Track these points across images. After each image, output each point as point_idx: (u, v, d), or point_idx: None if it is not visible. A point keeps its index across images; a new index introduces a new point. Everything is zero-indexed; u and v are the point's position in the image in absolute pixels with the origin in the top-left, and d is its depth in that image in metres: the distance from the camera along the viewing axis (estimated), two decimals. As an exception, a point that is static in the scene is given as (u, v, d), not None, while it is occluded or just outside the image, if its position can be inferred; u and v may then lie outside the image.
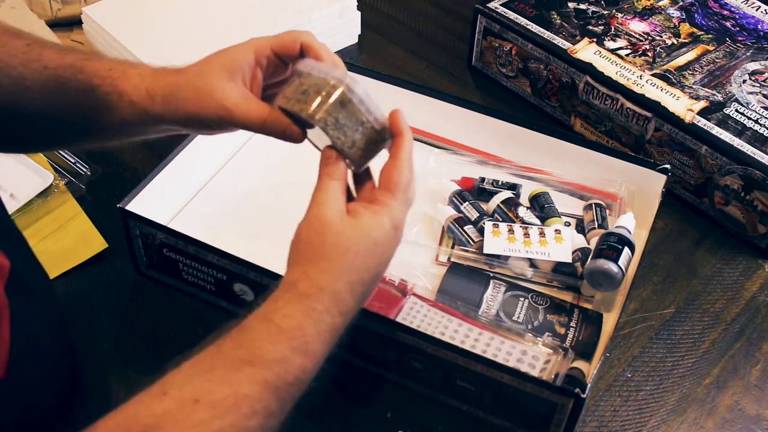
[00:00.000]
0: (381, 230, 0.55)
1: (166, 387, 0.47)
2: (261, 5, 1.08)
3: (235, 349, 0.50)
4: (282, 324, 0.51)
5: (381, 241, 0.55)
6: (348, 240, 0.54)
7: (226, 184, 0.93)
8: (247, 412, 0.47)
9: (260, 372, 0.49)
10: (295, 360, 0.50)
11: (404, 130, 0.58)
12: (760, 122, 0.88)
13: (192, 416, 0.46)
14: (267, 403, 0.48)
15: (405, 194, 0.57)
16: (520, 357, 0.73)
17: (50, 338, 0.65)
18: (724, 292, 0.85)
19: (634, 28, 1.01)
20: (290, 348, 0.50)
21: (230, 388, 0.47)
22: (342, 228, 0.54)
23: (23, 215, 0.86)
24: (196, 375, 0.48)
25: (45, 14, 1.11)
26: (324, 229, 0.54)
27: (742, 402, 0.75)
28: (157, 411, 0.46)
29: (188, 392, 0.47)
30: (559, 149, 0.89)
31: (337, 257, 0.53)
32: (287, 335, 0.51)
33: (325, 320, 0.52)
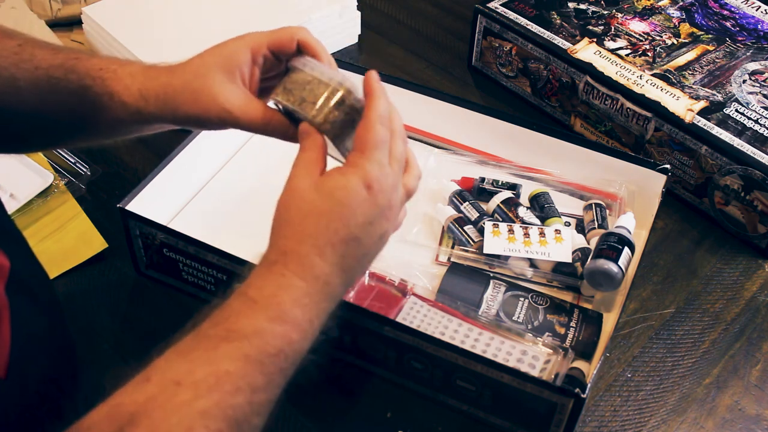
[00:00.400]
0: (346, 191, 0.53)
1: (150, 374, 0.47)
2: (261, 5, 1.08)
3: (212, 328, 0.49)
4: (255, 296, 0.50)
5: (347, 202, 0.53)
6: (310, 203, 0.53)
7: (226, 184, 0.93)
8: (230, 389, 0.46)
9: (239, 347, 0.48)
10: (275, 330, 0.49)
11: (375, 90, 0.57)
12: (760, 122, 0.89)
13: (174, 398, 0.45)
14: (251, 379, 0.47)
15: (378, 152, 0.54)
16: (520, 357, 0.73)
17: (50, 338, 0.65)
18: (724, 292, 0.85)
19: (634, 28, 1.01)
20: (267, 318, 0.49)
21: (210, 367, 0.47)
22: (305, 192, 0.53)
23: (23, 215, 0.86)
24: (177, 358, 0.48)
25: (45, 14, 1.11)
26: (290, 198, 0.54)
27: (742, 402, 0.75)
28: (140, 398, 0.45)
29: (169, 375, 0.46)
30: (559, 149, 0.89)
31: (298, 221, 0.53)
32: (262, 305, 0.50)
33: (296, 285, 0.51)
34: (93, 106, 0.62)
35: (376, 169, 0.54)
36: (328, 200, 0.53)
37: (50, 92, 0.61)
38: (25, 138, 0.66)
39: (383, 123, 0.55)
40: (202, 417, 0.45)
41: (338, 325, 0.72)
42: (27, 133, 0.65)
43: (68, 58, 0.62)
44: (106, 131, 0.64)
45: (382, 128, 0.55)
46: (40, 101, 0.61)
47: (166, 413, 0.44)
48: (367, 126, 0.55)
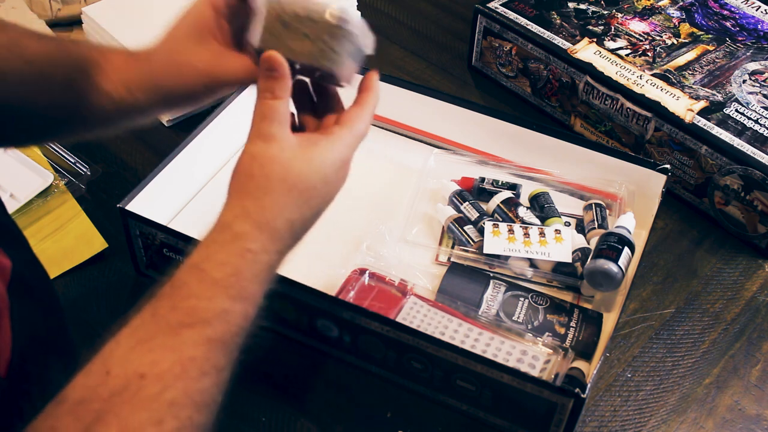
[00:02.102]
0: (332, 166, 0.51)
1: (108, 365, 0.45)
2: (261, 5, 1.08)
3: (172, 312, 0.47)
4: (216, 274, 0.48)
5: (329, 179, 0.52)
6: (298, 176, 0.50)
7: (226, 184, 0.93)
8: (195, 374, 0.45)
9: (202, 331, 0.46)
10: (236, 308, 0.47)
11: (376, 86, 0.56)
12: (760, 122, 0.88)
13: (141, 393, 0.43)
14: (215, 361, 0.46)
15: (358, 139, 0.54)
16: (520, 357, 0.73)
17: (51, 338, 0.65)
18: (724, 292, 0.85)
19: (634, 28, 1.01)
20: (228, 298, 0.47)
21: (174, 355, 0.45)
22: (293, 162, 0.50)
23: (23, 215, 0.86)
24: (137, 346, 0.46)
25: (45, 14, 1.11)
26: (271, 163, 0.50)
27: (742, 402, 0.75)
28: (104, 394, 0.43)
29: (132, 368, 0.44)
30: (559, 149, 0.89)
31: (283, 193, 0.50)
32: (223, 285, 0.47)
33: (261, 260, 0.49)
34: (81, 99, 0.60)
35: (353, 153, 0.54)
36: (315, 175, 0.51)
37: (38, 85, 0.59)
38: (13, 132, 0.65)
39: (371, 117, 0.55)
40: (171, 407, 0.43)
41: (338, 325, 0.72)
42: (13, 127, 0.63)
43: (57, 49, 0.60)
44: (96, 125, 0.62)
45: (369, 122, 0.55)
46: (27, 93, 0.59)
47: (134, 409, 0.43)
48: (362, 114, 0.54)
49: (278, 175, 0.50)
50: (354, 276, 0.79)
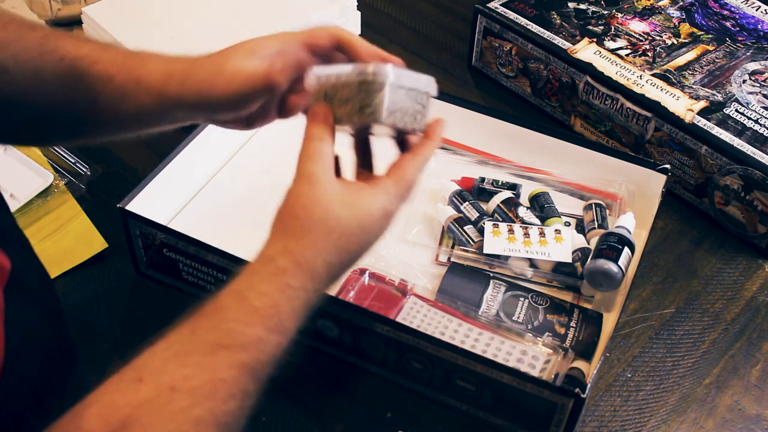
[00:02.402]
0: (371, 216, 0.53)
1: (141, 373, 0.47)
2: (261, 5, 1.08)
3: (210, 332, 0.48)
4: (257, 303, 0.49)
5: (369, 228, 0.53)
6: (337, 220, 0.52)
7: (226, 184, 0.93)
8: (224, 396, 0.46)
9: (236, 355, 0.48)
10: (271, 339, 0.49)
11: (436, 136, 0.58)
12: (760, 122, 0.88)
13: (170, 405, 0.45)
14: (244, 386, 0.48)
15: (406, 189, 0.56)
16: (520, 357, 0.73)
17: (50, 339, 0.64)
18: (724, 292, 0.85)
19: (634, 28, 1.01)
20: (265, 328, 0.49)
21: (207, 374, 0.46)
22: (333, 206, 0.52)
23: (23, 215, 0.86)
24: (172, 359, 0.47)
25: (45, 14, 1.11)
26: (313, 204, 0.52)
27: (742, 402, 0.75)
28: (134, 400, 0.45)
29: (165, 379, 0.46)
30: (559, 149, 0.89)
31: (322, 235, 0.52)
32: (262, 315, 0.49)
33: (300, 297, 0.51)
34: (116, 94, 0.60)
35: (398, 203, 0.55)
36: (355, 222, 0.53)
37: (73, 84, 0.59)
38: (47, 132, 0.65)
39: (423, 167, 0.57)
40: (196, 424, 0.45)
41: (338, 325, 0.72)
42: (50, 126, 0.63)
43: (94, 49, 0.60)
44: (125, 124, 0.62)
45: (420, 172, 0.56)
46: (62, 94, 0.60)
47: (161, 419, 0.44)
48: (413, 165, 0.56)
49: (319, 217, 0.52)
50: (354, 276, 0.80)
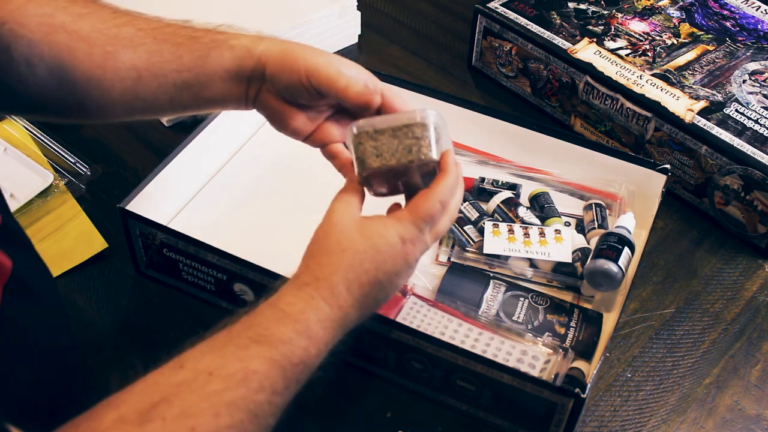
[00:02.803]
0: (384, 239, 0.57)
1: (183, 361, 0.51)
2: (261, 5, 1.08)
3: (245, 330, 0.53)
4: (286, 309, 0.54)
5: (382, 249, 0.57)
6: (349, 240, 0.57)
7: (226, 184, 0.93)
8: (255, 386, 0.50)
9: (268, 350, 0.52)
10: (300, 342, 0.53)
11: (448, 168, 0.60)
12: (760, 122, 0.89)
13: (206, 387, 0.49)
14: (273, 381, 0.51)
15: (424, 221, 0.58)
16: (520, 357, 0.73)
17: (51, 338, 0.65)
18: (724, 292, 0.85)
19: (634, 28, 1.01)
20: (294, 330, 0.53)
21: (241, 363, 0.51)
22: (347, 229, 0.57)
23: (23, 215, 0.86)
24: (210, 351, 0.52)
25: (45, 14, 1.11)
26: (331, 229, 0.58)
27: (742, 402, 0.75)
28: (174, 381, 0.50)
29: (203, 365, 0.50)
30: (559, 149, 0.89)
31: (336, 253, 0.57)
32: (292, 318, 0.54)
33: (323, 308, 0.55)
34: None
35: (415, 233, 0.58)
36: (367, 242, 0.57)
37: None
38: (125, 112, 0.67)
39: (442, 199, 0.59)
40: (229, 407, 0.49)
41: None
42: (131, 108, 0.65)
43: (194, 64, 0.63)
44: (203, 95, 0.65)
45: (438, 205, 0.59)
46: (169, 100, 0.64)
47: (198, 397, 0.49)
48: (427, 197, 0.59)
49: (335, 239, 0.57)
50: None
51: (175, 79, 0.62)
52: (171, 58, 0.62)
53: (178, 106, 0.65)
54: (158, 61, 0.62)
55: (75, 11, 0.62)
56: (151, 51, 0.62)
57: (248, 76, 0.62)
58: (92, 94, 0.62)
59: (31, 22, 0.60)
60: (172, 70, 0.62)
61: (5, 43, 0.59)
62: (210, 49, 0.63)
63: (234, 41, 0.63)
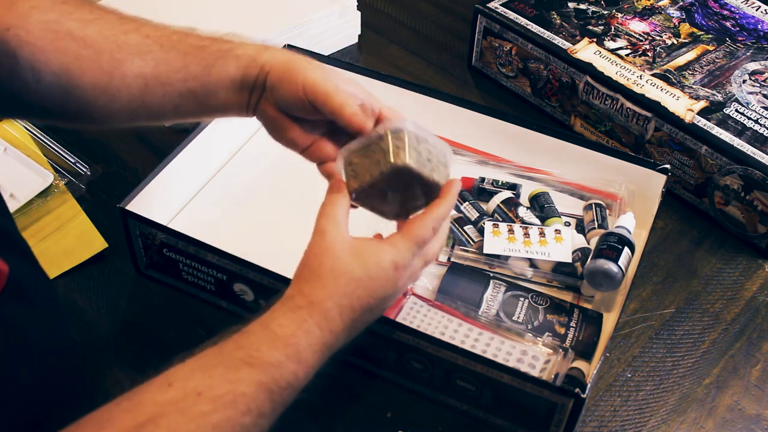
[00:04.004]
0: (378, 266, 0.57)
1: (171, 379, 0.51)
2: (261, 5, 1.08)
3: (236, 350, 0.53)
4: (278, 332, 0.54)
5: (376, 276, 0.57)
6: (345, 266, 0.57)
7: (226, 184, 0.93)
8: (243, 409, 0.50)
9: (257, 374, 0.52)
10: (289, 366, 0.54)
11: (448, 196, 0.61)
12: (760, 122, 0.89)
13: (194, 407, 0.49)
14: (260, 404, 0.52)
15: (416, 244, 0.59)
16: (520, 357, 0.73)
17: (48, 341, 0.64)
18: (724, 292, 0.85)
19: (634, 28, 1.01)
20: (285, 354, 0.54)
21: (230, 386, 0.51)
22: (342, 255, 0.57)
23: (23, 215, 0.86)
24: (199, 370, 0.52)
25: (45, 14, 1.11)
26: (324, 253, 0.57)
27: (742, 402, 0.75)
28: (162, 400, 0.49)
29: (192, 385, 0.50)
30: (559, 149, 0.89)
31: (331, 279, 0.57)
32: (283, 342, 0.54)
33: (315, 333, 0.55)
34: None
35: (408, 257, 0.59)
36: (362, 269, 0.57)
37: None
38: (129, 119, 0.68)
39: (436, 225, 0.60)
40: (215, 429, 0.49)
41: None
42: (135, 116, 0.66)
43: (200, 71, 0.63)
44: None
45: (431, 231, 0.60)
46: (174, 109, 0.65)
47: (185, 419, 0.49)
48: (422, 222, 0.60)
49: (329, 264, 0.57)
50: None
51: (181, 88, 0.63)
52: (178, 67, 0.63)
53: (181, 113, 0.65)
54: (165, 70, 0.62)
55: (81, 17, 0.62)
56: (159, 59, 0.63)
57: (251, 85, 0.63)
58: (98, 101, 0.62)
59: (37, 29, 0.60)
60: (179, 79, 0.62)
61: (11, 48, 0.59)
62: (216, 59, 0.63)
63: (240, 51, 0.63)
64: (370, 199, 0.62)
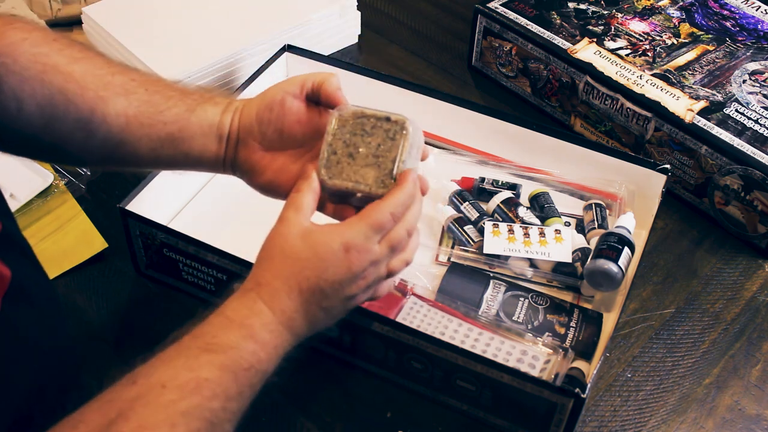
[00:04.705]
0: (327, 247, 0.57)
1: (135, 377, 0.52)
2: (261, 5, 1.08)
3: (194, 340, 0.54)
4: (231, 315, 0.56)
5: (324, 258, 0.57)
6: (292, 248, 0.57)
7: (226, 184, 0.92)
8: (208, 394, 0.51)
9: (217, 357, 0.53)
10: (247, 347, 0.54)
11: (403, 186, 0.60)
12: (760, 122, 0.89)
13: (160, 398, 0.50)
14: (226, 387, 0.52)
15: (371, 228, 0.58)
16: (520, 357, 0.73)
17: (49, 342, 0.64)
18: (724, 292, 0.85)
19: (634, 28, 1.01)
20: (240, 336, 0.55)
21: (192, 373, 0.52)
22: (292, 236, 0.58)
23: (23, 215, 0.86)
24: (161, 364, 0.53)
25: (45, 14, 1.11)
26: (277, 238, 0.59)
27: (742, 402, 0.75)
28: (128, 396, 0.50)
29: (155, 379, 0.51)
30: (559, 149, 0.89)
31: (279, 259, 0.58)
32: (237, 324, 0.55)
33: (266, 312, 0.56)
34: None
35: (361, 239, 0.58)
36: (309, 250, 0.57)
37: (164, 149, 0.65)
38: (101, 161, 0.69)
39: (394, 211, 0.59)
40: (184, 416, 0.50)
41: (338, 325, 0.72)
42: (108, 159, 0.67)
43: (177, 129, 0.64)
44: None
45: (388, 215, 0.59)
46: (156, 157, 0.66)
47: (152, 410, 0.49)
48: (378, 206, 0.59)
49: (279, 246, 0.58)
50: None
51: (160, 131, 0.64)
52: (161, 110, 0.64)
53: (157, 158, 0.66)
54: (147, 111, 0.64)
55: (71, 54, 0.63)
56: (143, 101, 0.64)
57: (226, 134, 0.64)
58: (76, 136, 0.63)
59: (25, 59, 0.60)
60: (160, 121, 0.63)
61: None
62: (198, 104, 0.65)
63: (219, 98, 0.66)
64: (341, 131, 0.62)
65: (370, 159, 0.60)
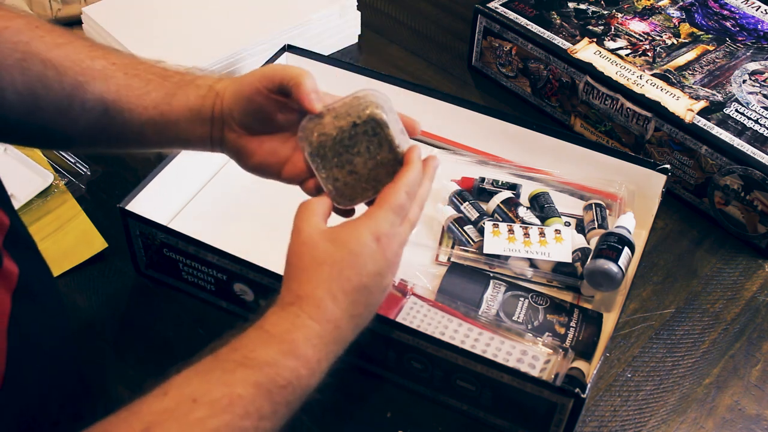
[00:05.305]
0: (358, 242, 0.56)
1: (167, 388, 0.50)
2: (261, 5, 1.08)
3: (230, 353, 0.52)
4: (271, 330, 0.54)
5: (359, 253, 0.56)
6: (324, 252, 0.56)
7: (226, 184, 0.93)
8: (240, 412, 0.49)
9: (253, 374, 0.51)
10: (286, 363, 0.52)
11: (411, 161, 0.60)
12: (760, 122, 0.89)
13: (190, 414, 0.48)
14: (259, 405, 0.50)
15: (393, 212, 0.58)
16: (520, 357, 0.73)
17: (53, 341, 0.65)
18: (724, 292, 0.85)
19: (634, 28, 1.01)
20: (280, 351, 0.52)
21: (226, 389, 0.50)
22: (318, 242, 0.56)
23: (23, 215, 0.86)
24: (195, 376, 0.51)
25: (45, 14, 1.11)
26: (303, 248, 0.57)
27: (742, 402, 0.75)
28: (157, 409, 0.48)
29: (187, 392, 0.49)
30: (559, 149, 0.89)
31: (314, 268, 0.56)
32: (276, 339, 0.53)
33: (309, 326, 0.54)
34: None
35: (387, 226, 0.57)
36: (342, 249, 0.56)
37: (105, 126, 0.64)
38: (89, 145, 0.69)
39: (409, 191, 0.59)
40: None
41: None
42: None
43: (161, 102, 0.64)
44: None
45: (404, 195, 0.58)
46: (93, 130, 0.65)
47: (181, 426, 0.48)
48: (394, 189, 0.58)
49: (309, 255, 0.56)
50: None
51: (141, 115, 0.63)
52: (139, 94, 0.63)
53: (144, 142, 0.65)
54: (126, 95, 0.63)
55: (52, 40, 0.62)
56: (121, 85, 0.63)
57: (210, 116, 0.63)
58: (58, 123, 0.63)
59: (6, 48, 0.60)
60: (139, 105, 0.63)
61: None
62: (178, 88, 0.64)
63: (200, 81, 0.64)
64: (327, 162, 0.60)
65: (371, 162, 0.60)
